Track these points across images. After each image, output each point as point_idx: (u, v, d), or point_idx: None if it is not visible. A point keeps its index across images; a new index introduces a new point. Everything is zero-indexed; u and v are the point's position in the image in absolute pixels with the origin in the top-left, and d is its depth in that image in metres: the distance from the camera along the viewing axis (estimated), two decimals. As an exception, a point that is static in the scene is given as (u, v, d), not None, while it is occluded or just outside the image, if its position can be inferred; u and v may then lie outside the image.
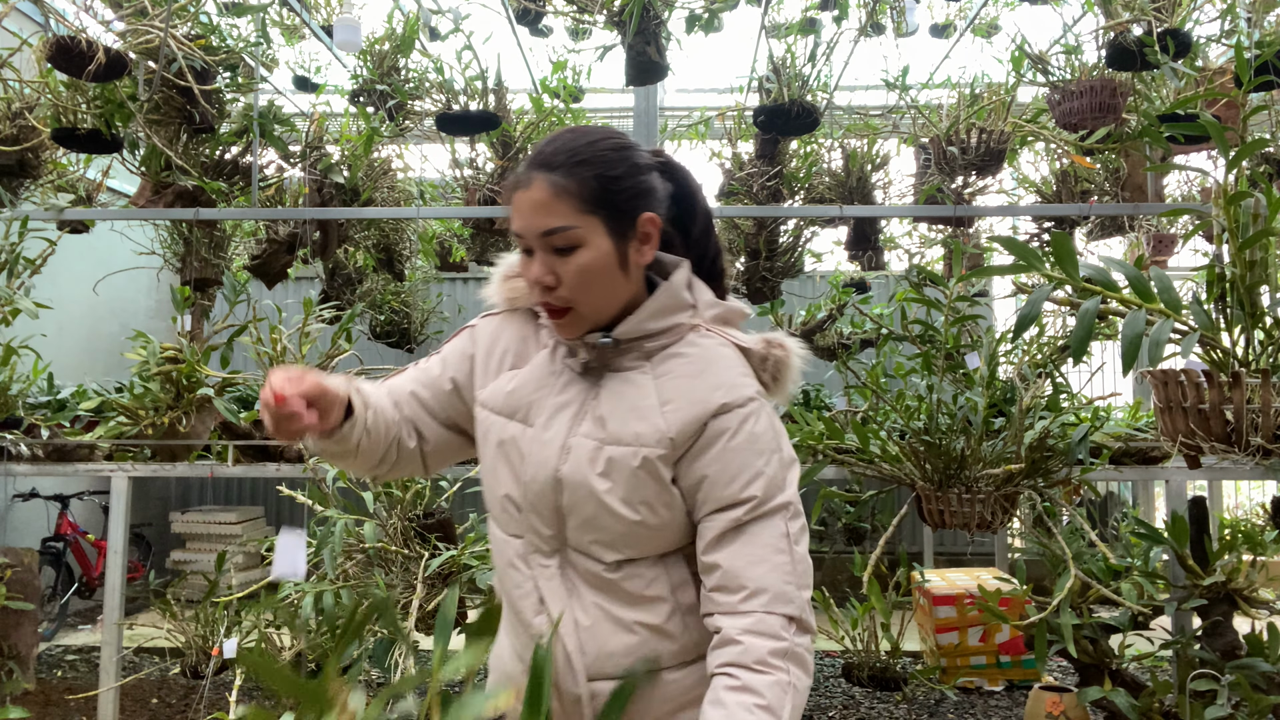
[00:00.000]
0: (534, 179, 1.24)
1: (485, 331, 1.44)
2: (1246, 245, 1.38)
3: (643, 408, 1.28)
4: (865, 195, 4.52)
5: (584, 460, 1.27)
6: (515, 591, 1.34)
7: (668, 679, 1.30)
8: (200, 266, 4.48)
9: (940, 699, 4.42)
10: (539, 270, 1.26)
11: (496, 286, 1.44)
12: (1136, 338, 1.33)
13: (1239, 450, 1.34)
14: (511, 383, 1.36)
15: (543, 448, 1.30)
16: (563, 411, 1.32)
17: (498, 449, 1.35)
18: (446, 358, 1.47)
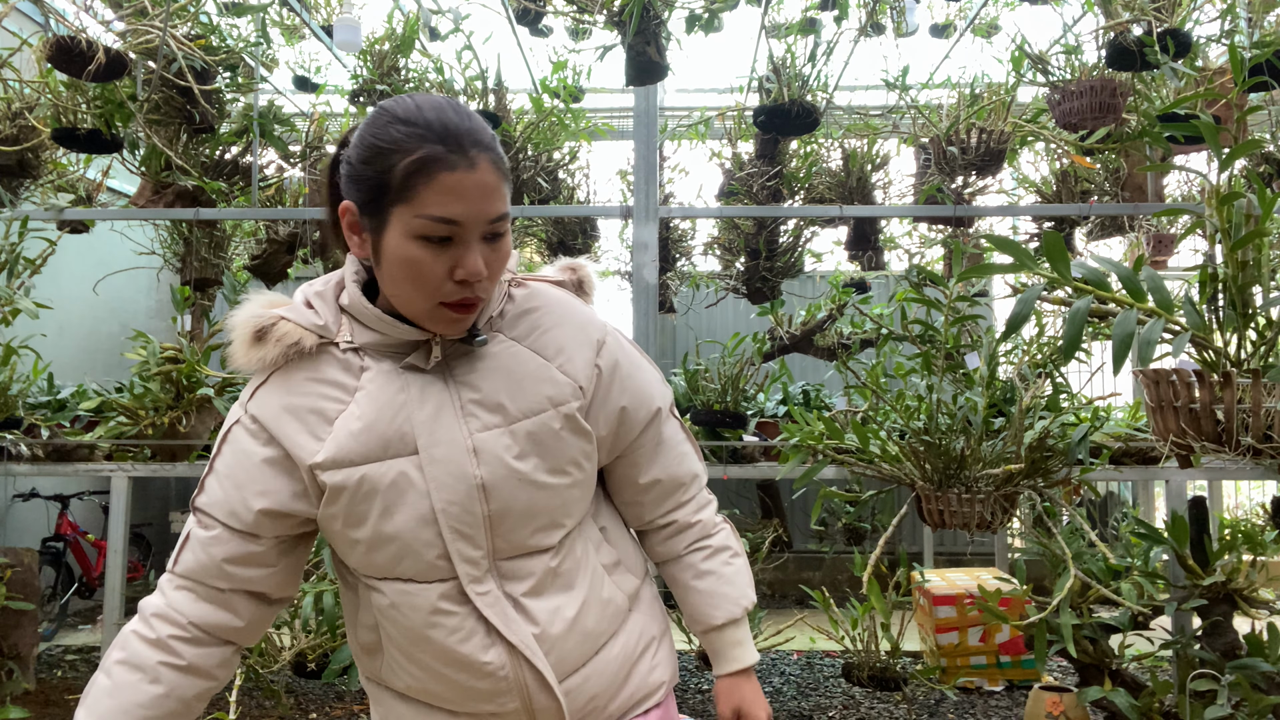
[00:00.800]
0: (479, 160, 1.10)
1: (272, 404, 1.19)
2: (1238, 245, 1.38)
3: (533, 372, 1.22)
4: (865, 195, 4.52)
5: (499, 453, 1.18)
6: (450, 639, 1.18)
7: (621, 639, 1.30)
8: (200, 266, 4.49)
9: (940, 699, 4.42)
10: (478, 263, 1.11)
11: (251, 350, 1.18)
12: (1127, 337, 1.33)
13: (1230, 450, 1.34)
14: (357, 423, 1.16)
15: (444, 466, 1.16)
16: (440, 418, 1.18)
17: (381, 497, 1.16)
18: (248, 481, 1.17)
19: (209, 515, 1.18)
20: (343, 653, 3.04)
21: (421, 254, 1.10)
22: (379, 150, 1.10)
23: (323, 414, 1.17)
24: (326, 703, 4.53)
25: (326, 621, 2.84)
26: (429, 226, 1.09)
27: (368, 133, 1.13)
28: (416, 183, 1.08)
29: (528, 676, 1.19)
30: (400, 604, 1.19)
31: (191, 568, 1.18)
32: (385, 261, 1.14)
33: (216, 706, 4.26)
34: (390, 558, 1.17)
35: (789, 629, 3.91)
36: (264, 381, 1.20)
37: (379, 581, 1.20)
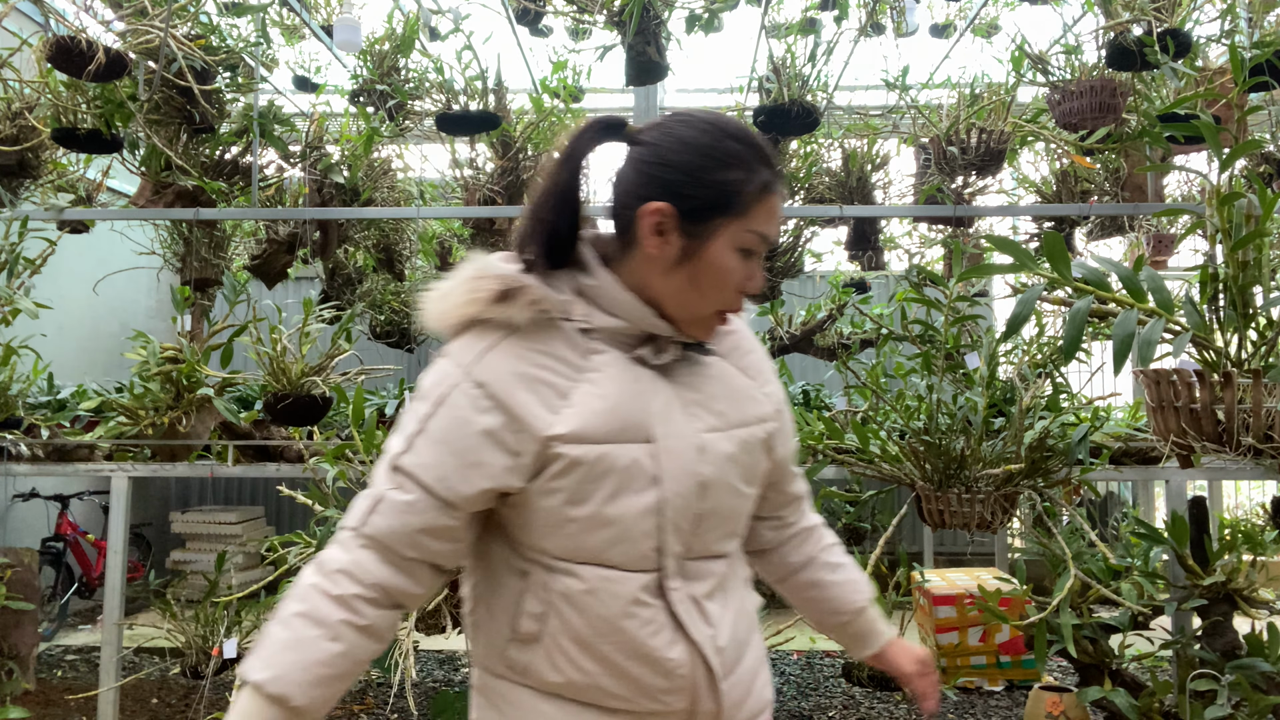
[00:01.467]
0: (783, 186, 1.24)
1: (504, 370, 1.17)
2: (1239, 246, 1.38)
3: (742, 388, 1.31)
4: (865, 195, 4.52)
5: (721, 454, 1.23)
6: (642, 632, 1.19)
7: (751, 650, 1.35)
8: (200, 266, 4.49)
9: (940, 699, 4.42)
10: (763, 278, 1.24)
11: (492, 307, 1.18)
12: (1128, 337, 1.33)
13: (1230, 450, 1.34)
14: (604, 402, 1.17)
15: (677, 458, 1.19)
16: (670, 414, 1.21)
17: (613, 478, 1.17)
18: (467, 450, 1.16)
19: (413, 479, 1.16)
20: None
21: (735, 265, 1.19)
22: (720, 163, 1.17)
23: (554, 387, 1.17)
24: (326, 703, 4.53)
25: (326, 621, 2.84)
26: (754, 241, 1.19)
27: (700, 143, 1.18)
28: (754, 202, 1.18)
29: (700, 676, 1.22)
30: (600, 590, 1.19)
31: (382, 532, 1.16)
32: (697, 265, 1.19)
33: (217, 706, 4.26)
34: (603, 542, 1.18)
35: (789, 629, 3.90)
36: (491, 346, 1.18)
37: (578, 565, 1.19)
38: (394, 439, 1.20)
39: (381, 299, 5.48)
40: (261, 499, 7.67)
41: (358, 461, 3.04)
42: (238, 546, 6.53)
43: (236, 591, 3.39)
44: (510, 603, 1.26)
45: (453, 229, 5.39)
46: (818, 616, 1.48)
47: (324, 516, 2.96)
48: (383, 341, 5.63)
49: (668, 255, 1.19)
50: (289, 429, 3.88)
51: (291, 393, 3.44)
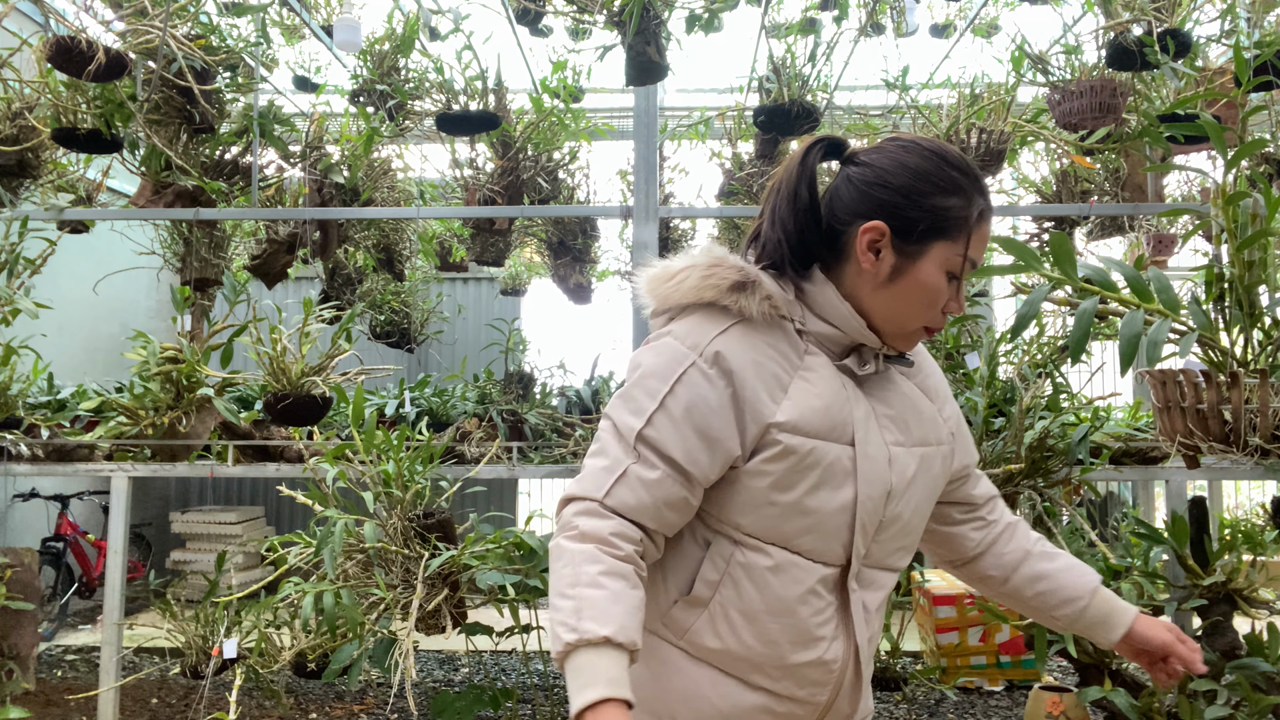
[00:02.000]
0: (990, 215, 1.28)
1: (736, 354, 1.24)
2: (1245, 245, 1.38)
3: (925, 409, 1.37)
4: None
5: (907, 468, 1.30)
6: (813, 620, 1.27)
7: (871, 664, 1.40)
8: (200, 266, 4.48)
9: (940, 699, 4.42)
10: (963, 302, 1.30)
11: (728, 295, 1.26)
12: (1135, 338, 1.33)
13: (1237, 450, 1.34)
14: (819, 400, 1.25)
15: (873, 464, 1.26)
16: (869, 423, 1.28)
17: (820, 472, 1.24)
18: (701, 429, 1.22)
19: (659, 454, 1.22)
20: (343, 652, 3.04)
21: (942, 285, 1.25)
22: (940, 188, 1.24)
23: (777, 378, 1.25)
24: (326, 703, 4.53)
25: (326, 621, 2.84)
26: (962, 265, 1.26)
27: (921, 169, 1.25)
28: (969, 228, 1.25)
29: (849, 677, 1.30)
30: (785, 570, 1.25)
31: (630, 505, 1.22)
32: (906, 283, 1.26)
33: (217, 706, 4.26)
34: (798, 529, 1.25)
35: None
36: (723, 331, 1.25)
37: (769, 545, 1.26)
38: (623, 412, 1.25)
39: (381, 299, 5.48)
40: (261, 499, 7.67)
41: (358, 462, 3.04)
42: (238, 546, 6.53)
43: (236, 591, 3.39)
44: (687, 567, 1.31)
45: (453, 229, 5.39)
46: (1053, 611, 1.44)
47: (324, 516, 2.96)
48: (383, 341, 5.63)
49: (880, 272, 1.26)
50: (289, 429, 3.88)
51: (291, 393, 3.44)
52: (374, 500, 3.00)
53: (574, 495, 1.24)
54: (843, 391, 1.27)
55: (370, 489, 3.01)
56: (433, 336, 5.82)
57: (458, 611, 3.06)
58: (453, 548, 3.03)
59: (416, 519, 3.03)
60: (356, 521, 2.97)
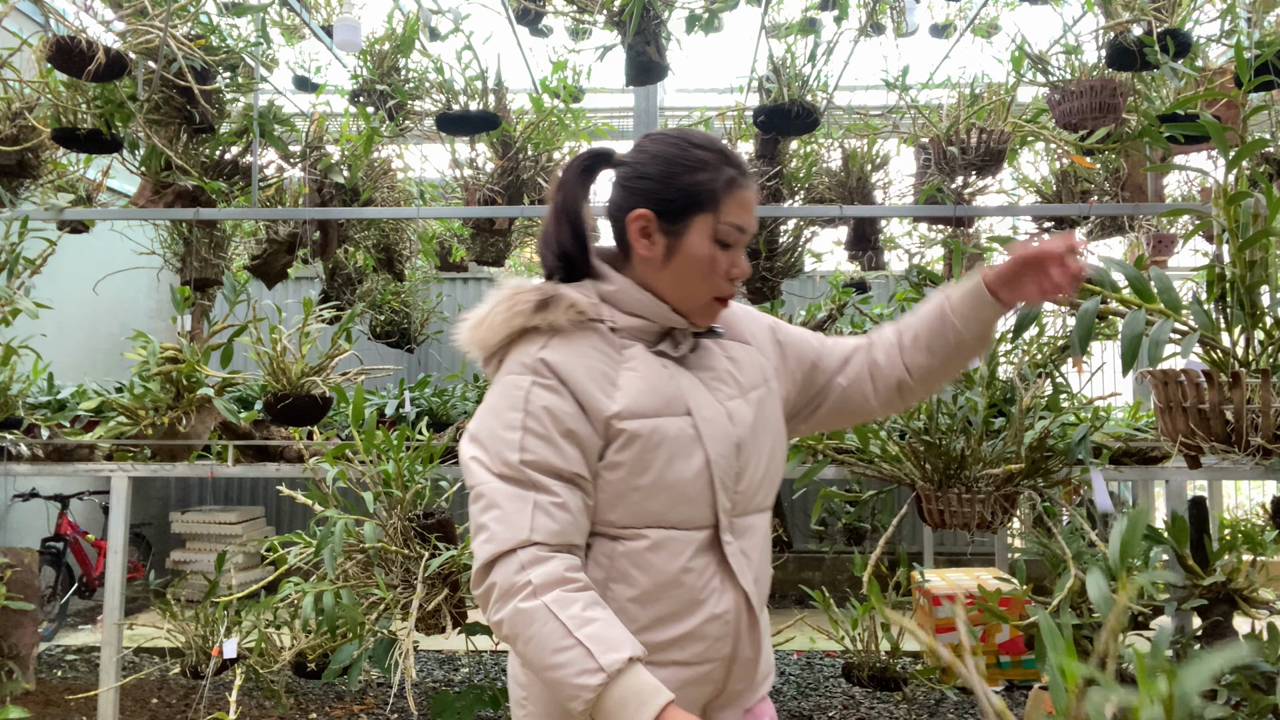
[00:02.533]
0: (753, 185, 1.40)
1: (563, 361, 1.32)
2: (1246, 245, 1.38)
3: (744, 357, 1.47)
4: (865, 195, 4.51)
5: (746, 417, 1.39)
6: (698, 583, 1.33)
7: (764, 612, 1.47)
8: (200, 266, 4.48)
9: (940, 699, 4.42)
10: (747, 264, 1.40)
11: (535, 314, 1.33)
12: (1136, 338, 1.33)
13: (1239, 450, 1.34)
14: (645, 382, 1.34)
15: (713, 424, 1.35)
16: (697, 391, 1.38)
17: (668, 446, 1.31)
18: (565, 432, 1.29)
19: (546, 473, 1.28)
20: (343, 653, 3.04)
21: (716, 254, 1.35)
22: (687, 168, 1.36)
23: (606, 375, 1.33)
24: (326, 703, 4.53)
25: (326, 621, 2.84)
26: (728, 232, 1.36)
27: (667, 157, 1.37)
28: (722, 196, 1.35)
29: (744, 623, 1.36)
30: (664, 546, 1.32)
31: (556, 531, 1.26)
32: (679, 257, 1.36)
33: (217, 706, 4.25)
34: (665, 505, 1.32)
35: (789, 629, 3.91)
36: (544, 346, 1.33)
37: (643, 529, 1.33)
38: (492, 457, 1.29)
39: (381, 299, 5.48)
40: (261, 499, 7.66)
41: (358, 462, 3.04)
42: (238, 546, 6.52)
43: (236, 591, 3.39)
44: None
45: (452, 229, 5.39)
46: (941, 346, 1.47)
47: (324, 516, 2.96)
48: (383, 341, 5.63)
49: (656, 254, 1.37)
50: (289, 429, 3.88)
51: (291, 393, 3.44)
52: (374, 500, 3.00)
53: (498, 553, 1.24)
54: (665, 371, 1.36)
55: (370, 489, 3.01)
56: (433, 336, 5.82)
57: (458, 611, 3.06)
58: (453, 548, 3.03)
59: (416, 519, 3.03)
60: (356, 521, 2.97)
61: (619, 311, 1.38)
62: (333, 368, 3.59)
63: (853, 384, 1.55)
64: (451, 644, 5.48)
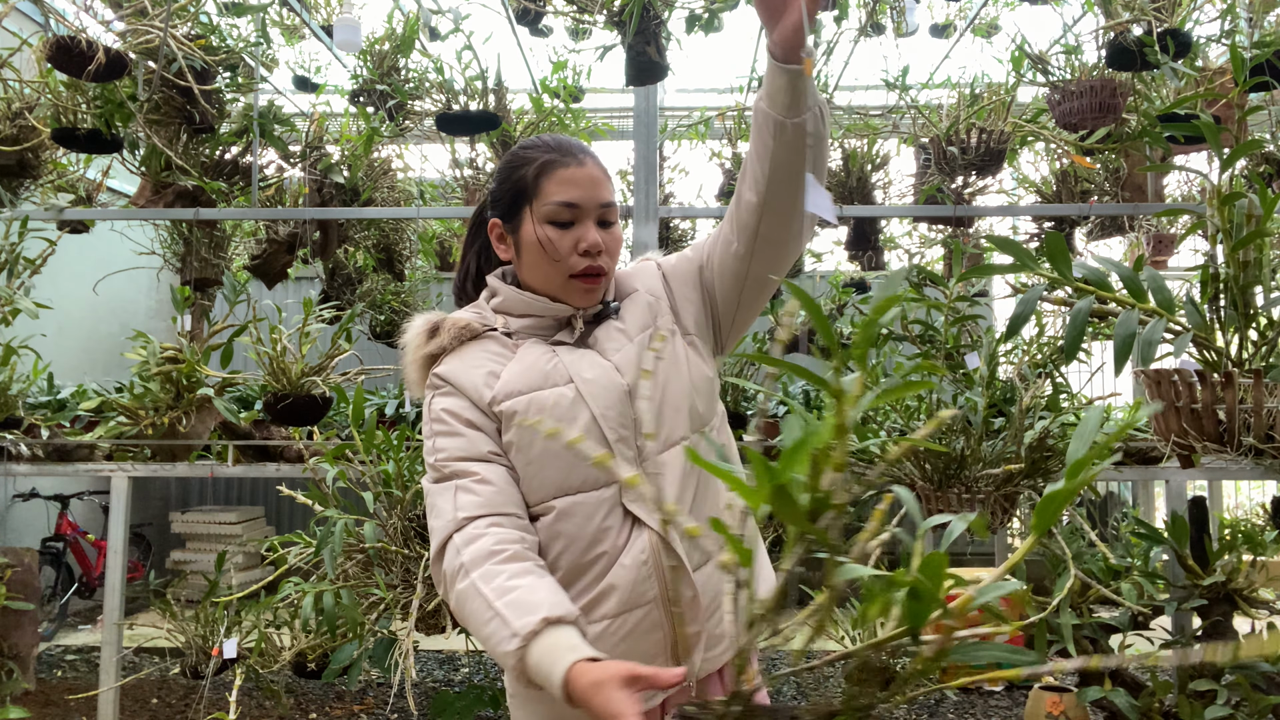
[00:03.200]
0: (586, 160, 1.43)
1: (451, 370, 1.43)
2: (1240, 246, 1.38)
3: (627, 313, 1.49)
4: (865, 195, 4.51)
5: (632, 362, 1.41)
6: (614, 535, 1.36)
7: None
8: (200, 266, 4.48)
9: (940, 699, 4.42)
10: (594, 237, 1.41)
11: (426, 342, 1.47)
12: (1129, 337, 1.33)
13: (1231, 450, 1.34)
14: (522, 364, 1.40)
15: (594, 383, 1.38)
16: (583, 360, 1.41)
17: (547, 414, 1.36)
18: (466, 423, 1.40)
19: (459, 460, 1.37)
20: (343, 652, 3.04)
21: (552, 234, 1.40)
22: (510, 167, 1.46)
23: (491, 372, 1.41)
24: (326, 703, 4.53)
25: (326, 621, 2.84)
26: (554, 211, 1.40)
27: (500, 164, 1.49)
28: (541, 181, 1.41)
29: (665, 564, 1.35)
30: (574, 513, 1.36)
31: (478, 504, 1.33)
32: (524, 250, 1.44)
33: (217, 706, 4.26)
34: (561, 472, 1.36)
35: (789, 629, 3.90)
36: (437, 364, 1.46)
37: (554, 499, 1.37)
38: (427, 462, 1.42)
39: (381, 299, 5.47)
40: (261, 499, 7.67)
41: (358, 462, 3.04)
42: (238, 546, 6.53)
43: (236, 591, 3.39)
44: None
45: (453, 229, 5.39)
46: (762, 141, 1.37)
47: (324, 516, 2.96)
48: (383, 341, 5.63)
49: (511, 254, 1.49)
50: (289, 429, 3.88)
51: (291, 393, 3.44)
52: (374, 500, 3.00)
53: (439, 545, 1.33)
54: (548, 354, 1.42)
55: (370, 489, 3.01)
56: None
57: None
58: (452, 548, 3.03)
59: (416, 519, 3.03)
60: (356, 521, 2.97)
61: (511, 316, 1.47)
62: (333, 368, 3.59)
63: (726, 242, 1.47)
64: (451, 644, 5.48)
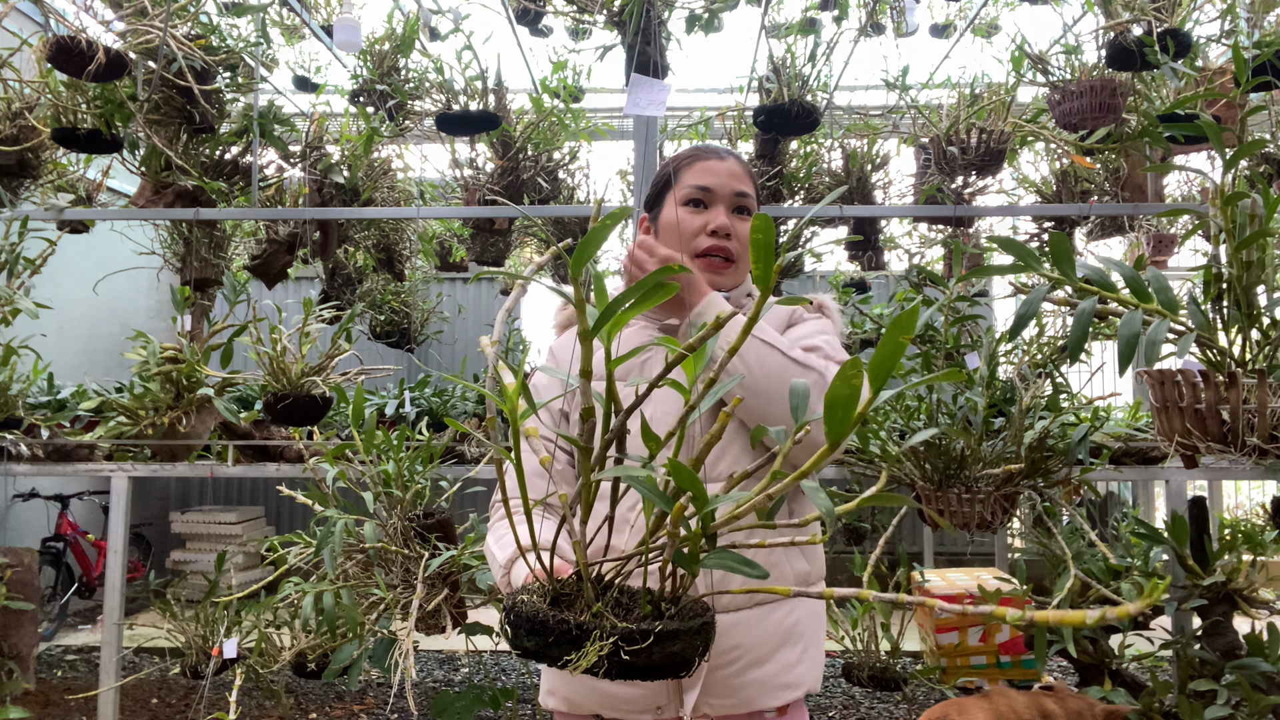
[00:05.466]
0: (728, 157, 1.61)
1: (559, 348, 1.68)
2: (1243, 246, 1.38)
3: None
4: (865, 195, 4.51)
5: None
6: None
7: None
8: (200, 266, 4.48)
9: (940, 699, 4.42)
10: (723, 220, 1.56)
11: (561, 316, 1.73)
12: (1133, 338, 1.33)
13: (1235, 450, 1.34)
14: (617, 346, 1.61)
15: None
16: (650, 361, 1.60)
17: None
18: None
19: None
20: (343, 652, 3.04)
21: (684, 215, 1.57)
22: (661, 169, 1.66)
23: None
24: (326, 703, 4.53)
25: (326, 621, 2.84)
26: (690, 192, 1.57)
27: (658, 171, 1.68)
28: (682, 169, 1.59)
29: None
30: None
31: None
32: (661, 233, 1.61)
33: (217, 706, 4.25)
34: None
35: (789, 629, 3.90)
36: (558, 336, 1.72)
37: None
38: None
39: (381, 299, 5.47)
40: (261, 499, 7.67)
41: (358, 462, 3.04)
42: (238, 546, 6.52)
43: (236, 591, 3.39)
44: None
45: (452, 229, 5.39)
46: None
47: (324, 516, 2.96)
48: (383, 341, 5.63)
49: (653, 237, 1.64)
50: (289, 429, 3.88)
51: (291, 393, 3.44)
52: (374, 500, 3.00)
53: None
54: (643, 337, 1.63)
55: (370, 489, 3.01)
56: (433, 336, 5.82)
57: (458, 611, 3.06)
58: (453, 548, 3.03)
59: (416, 519, 3.03)
60: (356, 521, 2.97)
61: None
62: (333, 368, 3.59)
63: None
64: (451, 644, 5.48)
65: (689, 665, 0.91)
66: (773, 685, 1.43)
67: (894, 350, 0.75)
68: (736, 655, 1.40)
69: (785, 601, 1.46)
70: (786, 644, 1.44)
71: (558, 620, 0.88)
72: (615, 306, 0.81)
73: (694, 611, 0.95)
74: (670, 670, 0.89)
